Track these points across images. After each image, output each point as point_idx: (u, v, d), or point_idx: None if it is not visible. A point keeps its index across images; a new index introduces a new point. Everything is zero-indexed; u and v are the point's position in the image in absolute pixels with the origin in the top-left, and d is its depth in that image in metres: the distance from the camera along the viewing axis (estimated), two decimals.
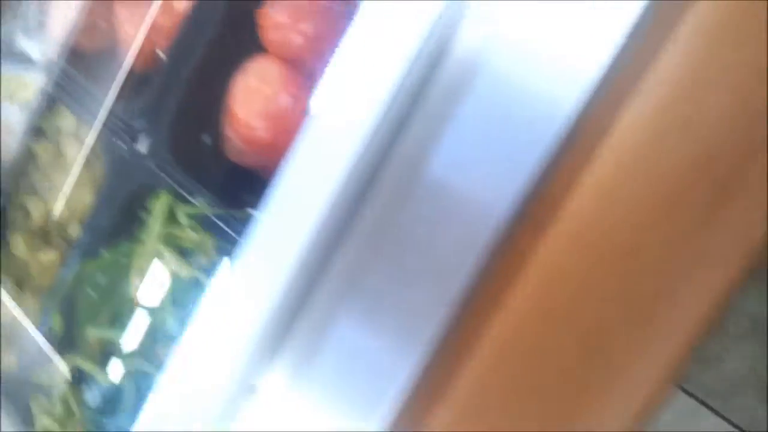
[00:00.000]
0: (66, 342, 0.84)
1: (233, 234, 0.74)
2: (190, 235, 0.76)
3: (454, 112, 0.54)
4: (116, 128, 0.82)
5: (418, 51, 0.54)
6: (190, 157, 0.79)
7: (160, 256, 0.77)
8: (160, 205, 0.76)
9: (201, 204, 0.75)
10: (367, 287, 0.57)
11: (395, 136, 0.57)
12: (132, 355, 0.79)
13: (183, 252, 0.76)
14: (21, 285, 0.98)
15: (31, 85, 0.97)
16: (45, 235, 0.96)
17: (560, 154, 0.50)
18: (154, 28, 0.84)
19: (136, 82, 0.85)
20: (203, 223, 0.76)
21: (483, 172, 0.52)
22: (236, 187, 0.78)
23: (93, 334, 0.82)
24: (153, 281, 0.78)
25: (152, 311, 0.78)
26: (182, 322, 0.77)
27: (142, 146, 0.80)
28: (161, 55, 0.85)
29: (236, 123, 0.77)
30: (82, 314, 0.83)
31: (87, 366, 0.83)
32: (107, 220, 0.82)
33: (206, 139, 0.79)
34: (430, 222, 0.54)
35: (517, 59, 0.52)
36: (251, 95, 0.76)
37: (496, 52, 0.53)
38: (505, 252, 0.52)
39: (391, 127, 0.57)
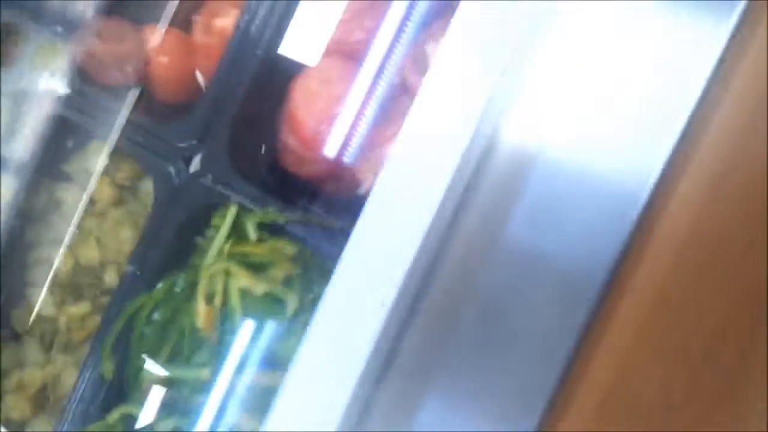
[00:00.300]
0: (116, 390, 0.76)
1: (307, 242, 0.70)
2: (261, 249, 0.71)
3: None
4: (162, 153, 0.77)
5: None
6: (250, 169, 0.74)
7: (228, 276, 0.71)
8: (226, 220, 0.71)
9: (271, 212, 0.70)
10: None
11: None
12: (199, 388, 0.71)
13: (254, 267, 0.71)
14: (49, 344, 0.89)
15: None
16: (74, 286, 0.89)
17: None
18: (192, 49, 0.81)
19: (175, 107, 0.81)
20: (274, 234, 0.71)
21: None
22: (301, 195, 0.74)
23: (150, 375, 0.74)
24: (220, 306, 0.71)
25: (222, 338, 0.71)
26: (259, 343, 0.70)
27: (195, 166, 0.76)
28: (199, 76, 0.82)
29: (297, 128, 0.73)
30: (138, 357, 0.75)
31: (138, 412, 0.74)
32: (159, 252, 0.75)
33: (265, 149, 0.75)
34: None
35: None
36: (313, 98, 0.73)
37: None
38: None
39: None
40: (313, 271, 0.69)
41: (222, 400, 0.69)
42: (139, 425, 0.75)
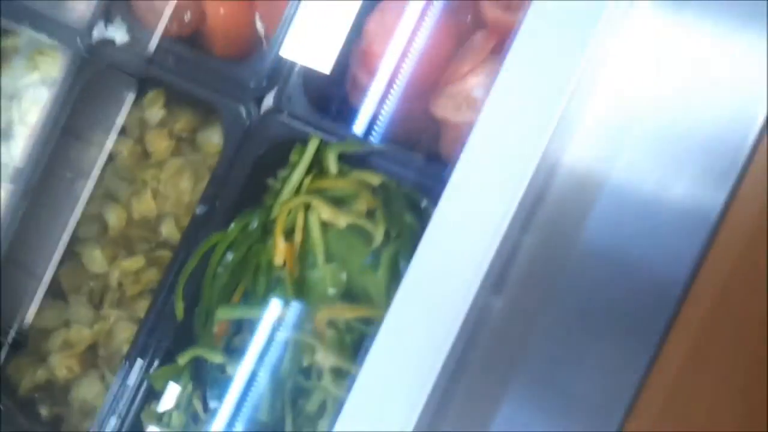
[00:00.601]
0: (186, 332, 0.74)
1: (394, 172, 0.69)
2: (342, 182, 0.69)
3: None
4: (231, 95, 0.76)
5: None
6: (325, 106, 0.73)
7: (308, 210, 0.69)
8: (307, 150, 0.69)
9: (355, 142, 0.69)
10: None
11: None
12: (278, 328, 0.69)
13: (335, 202, 0.69)
14: (98, 301, 0.87)
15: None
16: (126, 241, 0.86)
17: None
18: None
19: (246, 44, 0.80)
20: (358, 166, 0.70)
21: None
22: (374, 130, 0.73)
23: (224, 315, 0.72)
24: (300, 241, 0.70)
25: (303, 275, 0.69)
26: (341, 280, 0.68)
27: (267, 106, 0.75)
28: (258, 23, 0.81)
29: (370, 62, 0.73)
30: (210, 298, 0.73)
31: (211, 356, 0.72)
32: (230, 192, 0.74)
33: (339, 85, 0.74)
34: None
35: None
36: (387, 32, 0.72)
37: None
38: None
39: None
40: (397, 202, 0.68)
41: (297, 338, 0.67)
42: (209, 368, 0.73)
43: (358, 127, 0.72)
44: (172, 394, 0.74)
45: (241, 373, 0.71)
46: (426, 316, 0.52)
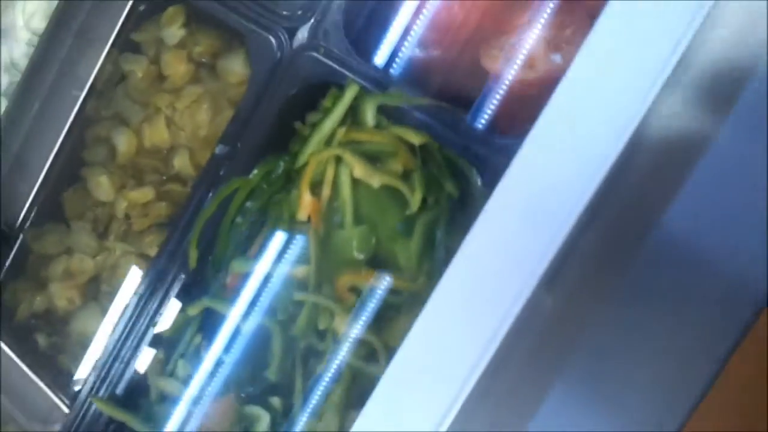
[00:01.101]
0: (198, 280, 0.69)
1: (437, 131, 0.62)
2: (380, 136, 0.63)
3: None
4: (262, 21, 0.68)
5: None
6: (366, 45, 0.66)
7: (340, 164, 0.63)
8: (344, 99, 0.62)
9: (398, 94, 0.62)
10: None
11: None
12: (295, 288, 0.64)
13: (369, 158, 0.63)
14: (103, 231, 0.81)
15: None
16: (136, 170, 0.80)
17: None
18: None
19: None
20: (398, 121, 0.63)
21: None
22: (422, 82, 0.66)
23: (239, 267, 0.66)
24: (328, 197, 0.64)
25: (328, 234, 0.64)
26: (369, 248, 0.63)
27: (301, 38, 0.67)
28: None
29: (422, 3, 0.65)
30: (225, 247, 0.67)
31: (221, 308, 0.67)
32: (254, 133, 0.67)
33: (384, 22, 0.66)
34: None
35: None
36: None
37: None
38: None
39: None
40: (438, 165, 0.61)
41: (315, 300, 0.62)
42: (219, 320, 0.68)
43: (400, 76, 0.65)
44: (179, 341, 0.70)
45: (251, 328, 0.67)
46: (476, 306, 0.48)
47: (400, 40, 0.67)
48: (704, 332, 0.47)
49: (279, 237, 0.66)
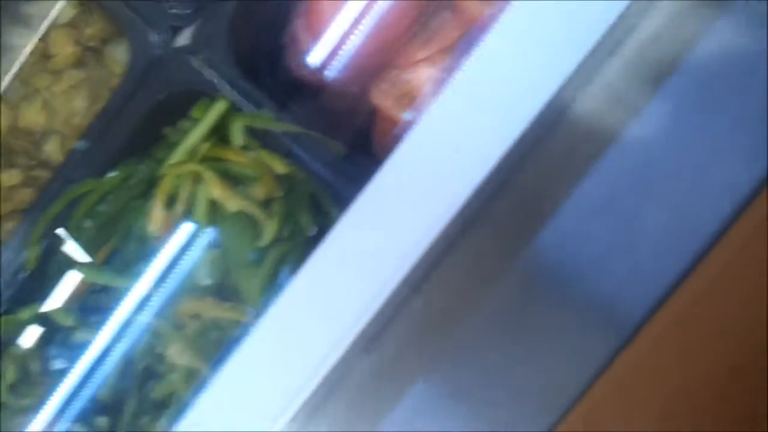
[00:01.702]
0: (35, 283, 0.64)
1: (302, 163, 0.58)
2: (245, 158, 0.58)
3: None
4: (147, 15, 0.63)
5: None
6: (250, 60, 0.61)
7: (199, 182, 0.58)
8: (210, 113, 0.58)
9: (267, 116, 0.58)
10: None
11: None
12: (139, 308, 0.60)
13: (231, 179, 0.59)
14: None
15: None
16: (6, 149, 0.75)
17: None
18: None
19: None
20: (266, 145, 0.58)
21: None
22: (304, 106, 0.62)
23: (84, 274, 0.62)
24: (181, 214, 0.59)
25: (178, 254, 0.59)
26: (218, 274, 0.58)
27: (184, 39, 0.62)
28: None
29: (316, 22, 0.60)
30: (69, 249, 0.63)
31: (60, 317, 0.62)
32: (120, 133, 0.62)
33: (274, 38, 0.62)
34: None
35: None
36: None
37: None
38: None
39: None
40: (301, 197, 0.57)
41: (157, 323, 0.58)
42: (52, 329, 0.63)
43: (281, 99, 0.60)
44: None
45: (89, 342, 0.62)
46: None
47: (293, 59, 0.63)
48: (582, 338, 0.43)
49: (128, 248, 0.61)
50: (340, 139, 0.59)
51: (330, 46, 0.61)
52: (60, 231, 0.62)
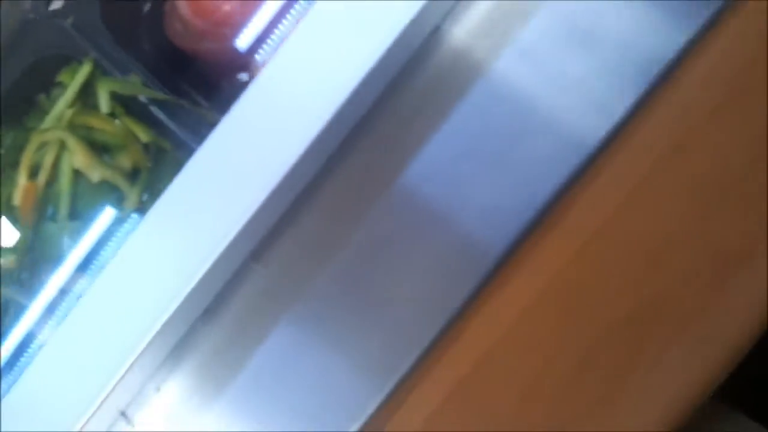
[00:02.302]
0: None
1: (170, 133, 0.55)
2: (111, 126, 0.56)
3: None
4: None
5: None
6: (123, 27, 0.59)
7: (63, 150, 0.56)
8: (76, 78, 0.55)
9: (133, 82, 0.55)
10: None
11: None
12: None
13: (97, 148, 0.56)
14: None
15: None
16: None
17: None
18: None
19: None
20: (132, 113, 0.56)
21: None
22: (180, 71, 0.59)
23: None
24: (45, 182, 0.57)
25: (39, 225, 0.57)
26: (77, 244, 0.56)
27: (58, 4, 0.60)
28: None
29: None
30: None
31: None
32: None
33: (148, 5, 0.59)
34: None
35: None
36: None
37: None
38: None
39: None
40: (168, 167, 0.55)
41: (15, 299, 0.55)
42: None
43: (154, 66, 0.58)
44: None
45: None
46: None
47: (164, 26, 0.60)
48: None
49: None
50: (216, 109, 0.57)
51: (208, 15, 0.58)
52: None
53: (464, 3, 0.42)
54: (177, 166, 0.55)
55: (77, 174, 0.56)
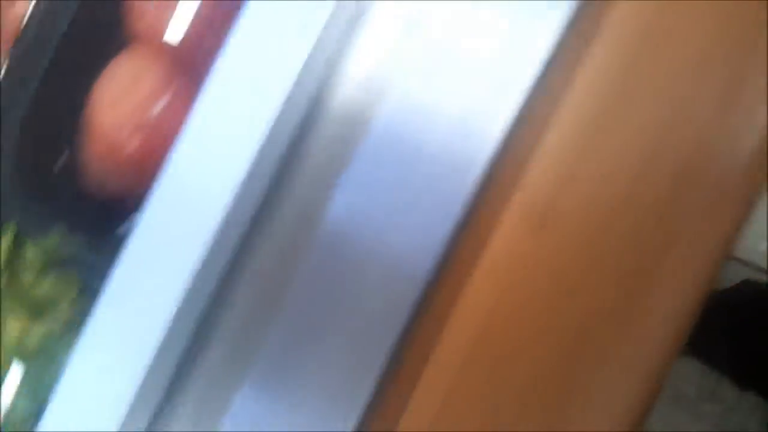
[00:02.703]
0: None
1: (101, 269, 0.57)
2: (46, 283, 0.58)
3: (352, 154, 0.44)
4: None
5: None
6: (39, 184, 0.61)
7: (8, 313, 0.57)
8: (4, 243, 0.58)
9: (59, 237, 0.57)
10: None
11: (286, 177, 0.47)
12: None
13: (38, 303, 0.58)
14: None
15: None
16: None
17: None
18: None
19: None
20: (63, 263, 0.58)
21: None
22: (100, 219, 0.61)
23: None
24: None
25: None
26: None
27: None
28: None
29: (98, 139, 0.60)
30: None
31: None
32: None
33: (60, 161, 0.62)
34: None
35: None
36: (118, 101, 0.60)
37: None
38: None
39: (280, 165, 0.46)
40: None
41: None
42: None
43: (78, 216, 0.60)
44: None
45: None
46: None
47: (83, 177, 0.63)
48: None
49: None
50: None
51: (118, 155, 0.61)
52: None
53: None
54: None
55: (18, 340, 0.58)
